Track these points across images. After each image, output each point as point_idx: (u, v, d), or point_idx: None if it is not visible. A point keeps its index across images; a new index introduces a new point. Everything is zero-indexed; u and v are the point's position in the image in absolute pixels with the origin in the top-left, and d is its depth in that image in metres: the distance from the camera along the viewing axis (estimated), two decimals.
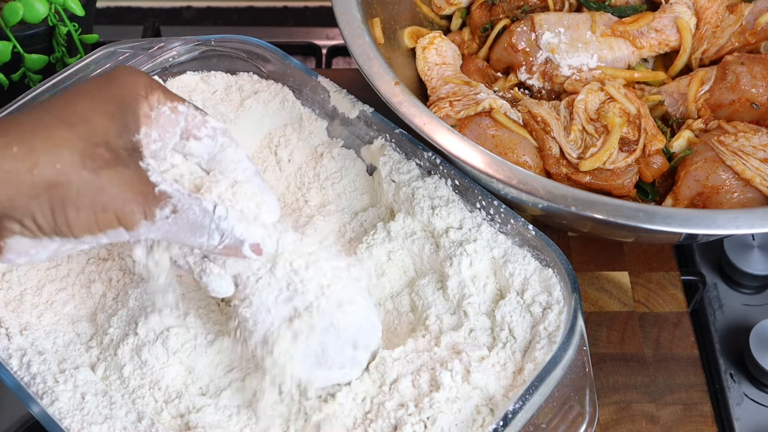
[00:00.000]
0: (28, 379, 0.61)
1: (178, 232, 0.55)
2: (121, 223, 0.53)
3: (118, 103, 0.55)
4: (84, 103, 0.54)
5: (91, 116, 0.53)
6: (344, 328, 0.61)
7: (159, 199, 0.54)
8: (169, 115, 0.58)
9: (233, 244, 0.57)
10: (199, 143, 0.60)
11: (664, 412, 0.78)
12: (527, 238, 0.68)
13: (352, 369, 0.63)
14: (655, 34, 0.87)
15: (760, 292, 0.89)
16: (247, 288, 0.61)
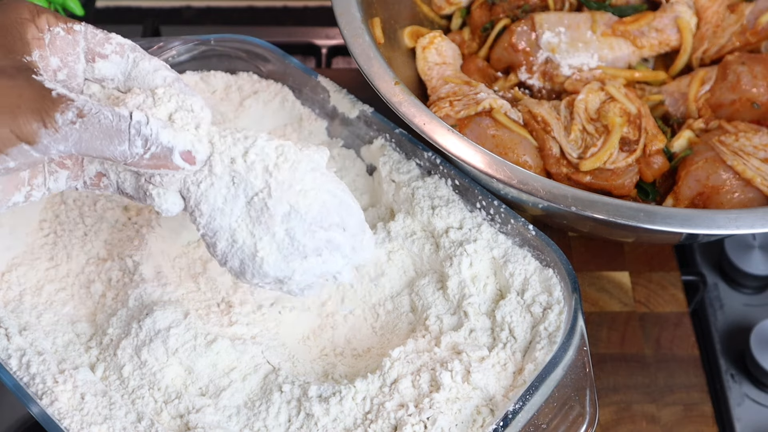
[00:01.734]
0: (27, 380, 0.61)
1: (92, 141, 0.51)
2: (19, 137, 0.49)
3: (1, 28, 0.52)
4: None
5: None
6: (305, 209, 0.57)
7: (58, 102, 0.50)
8: (65, 36, 0.55)
9: (161, 152, 0.53)
10: (107, 62, 0.56)
11: (665, 413, 0.78)
12: (527, 238, 0.68)
13: (332, 254, 0.59)
14: (656, 34, 0.87)
15: (760, 292, 0.89)
16: (193, 198, 0.57)
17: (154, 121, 0.53)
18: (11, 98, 0.49)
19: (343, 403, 0.62)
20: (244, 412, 0.63)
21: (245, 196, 0.57)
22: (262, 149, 0.57)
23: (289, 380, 0.64)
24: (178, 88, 0.57)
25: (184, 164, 0.54)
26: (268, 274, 0.58)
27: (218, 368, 0.64)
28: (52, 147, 0.50)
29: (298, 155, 0.57)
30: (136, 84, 0.57)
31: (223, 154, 0.56)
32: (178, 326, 0.64)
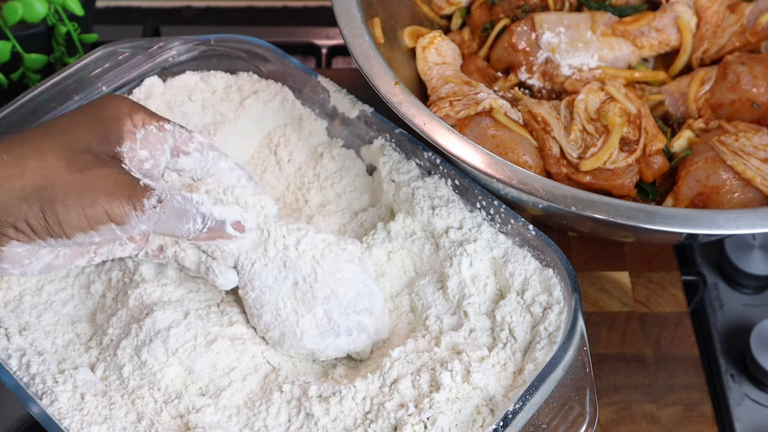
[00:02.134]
0: (27, 380, 0.61)
1: (167, 221, 0.58)
2: (111, 217, 0.55)
3: (100, 119, 0.59)
4: (66, 119, 0.58)
5: (73, 129, 0.57)
6: (343, 294, 0.66)
7: (145, 190, 0.57)
8: (157, 134, 0.62)
9: (215, 226, 0.61)
10: (188, 158, 0.64)
11: (665, 413, 0.78)
12: (527, 238, 0.68)
13: (360, 335, 0.67)
14: (656, 34, 0.87)
15: (760, 292, 0.89)
16: (246, 275, 0.65)
17: (209, 200, 0.61)
18: (109, 184, 0.55)
19: (343, 402, 0.62)
20: (244, 411, 0.63)
21: (293, 278, 0.65)
22: (312, 240, 0.66)
23: (289, 380, 0.64)
24: (250, 187, 0.66)
25: (235, 233, 0.63)
26: (304, 347, 0.65)
27: (218, 368, 0.64)
28: (135, 227, 0.57)
29: (340, 246, 0.67)
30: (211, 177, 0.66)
31: (277, 241, 0.65)
32: (178, 326, 0.64)
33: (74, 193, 0.54)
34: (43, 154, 0.54)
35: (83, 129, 0.57)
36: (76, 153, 0.55)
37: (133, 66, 0.77)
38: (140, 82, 0.77)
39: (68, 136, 0.56)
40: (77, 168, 0.55)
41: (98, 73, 0.76)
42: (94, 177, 0.55)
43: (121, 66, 0.77)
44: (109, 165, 0.56)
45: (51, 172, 0.54)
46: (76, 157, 0.55)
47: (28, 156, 0.54)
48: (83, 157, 0.55)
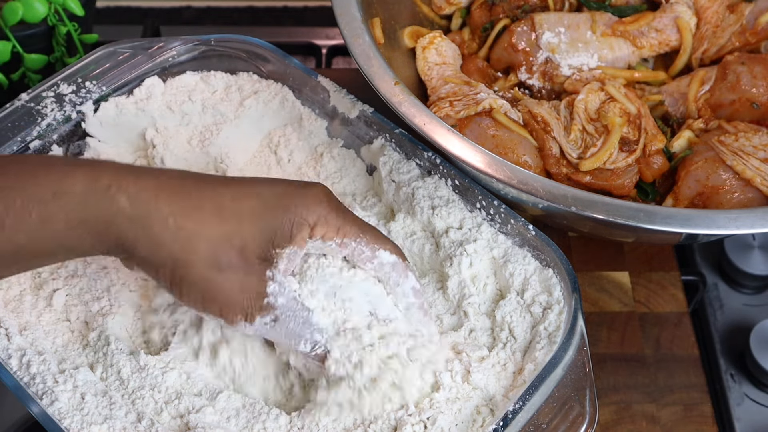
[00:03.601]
0: (27, 380, 0.61)
1: (276, 336, 0.60)
2: (222, 317, 0.58)
3: (279, 220, 0.58)
4: (249, 203, 0.58)
5: (245, 219, 0.57)
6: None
7: (264, 309, 0.58)
8: (335, 248, 0.62)
9: (321, 354, 0.61)
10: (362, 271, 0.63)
11: (665, 413, 0.78)
12: (527, 238, 0.68)
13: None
14: (656, 34, 0.87)
15: (760, 292, 0.89)
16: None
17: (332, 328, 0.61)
18: (233, 292, 0.57)
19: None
20: (244, 413, 0.63)
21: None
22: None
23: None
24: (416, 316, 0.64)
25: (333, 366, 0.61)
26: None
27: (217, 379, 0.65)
28: (241, 329, 0.59)
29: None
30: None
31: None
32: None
33: (201, 284, 0.56)
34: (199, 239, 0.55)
35: (254, 224, 0.57)
36: (227, 249, 0.56)
37: (134, 66, 0.77)
38: (140, 82, 0.77)
39: (233, 228, 0.56)
40: (217, 266, 0.56)
41: (98, 73, 0.77)
42: (225, 280, 0.56)
43: (122, 66, 0.77)
44: (249, 272, 0.57)
45: (194, 258, 0.55)
46: (223, 254, 0.56)
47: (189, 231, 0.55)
48: (230, 257, 0.56)
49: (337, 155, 0.78)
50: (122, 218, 0.54)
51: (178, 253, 0.55)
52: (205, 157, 0.77)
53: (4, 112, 0.73)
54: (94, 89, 0.76)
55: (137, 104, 0.77)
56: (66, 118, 0.75)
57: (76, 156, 0.76)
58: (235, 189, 0.58)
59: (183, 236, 0.55)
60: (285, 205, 0.58)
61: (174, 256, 0.55)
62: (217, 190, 0.57)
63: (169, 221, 0.55)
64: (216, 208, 0.56)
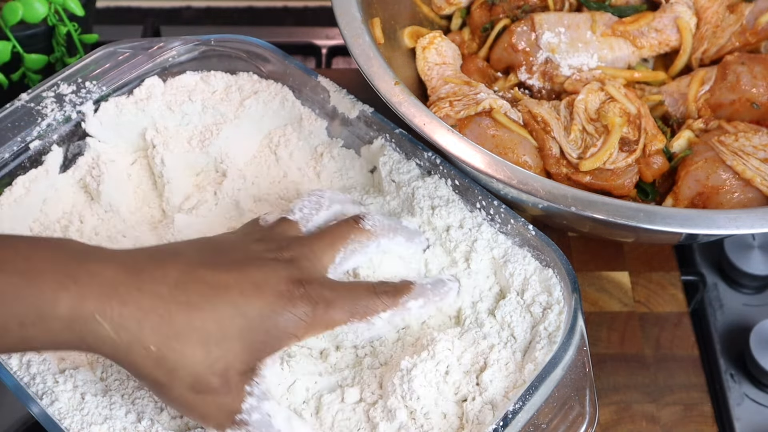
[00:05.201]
0: (27, 380, 0.61)
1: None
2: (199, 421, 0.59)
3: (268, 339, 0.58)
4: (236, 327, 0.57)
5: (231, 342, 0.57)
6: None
7: (236, 423, 0.58)
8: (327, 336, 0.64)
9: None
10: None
11: (665, 413, 0.78)
12: (527, 238, 0.68)
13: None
14: (656, 34, 0.87)
15: (760, 292, 0.89)
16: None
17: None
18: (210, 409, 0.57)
19: (346, 399, 0.62)
20: None
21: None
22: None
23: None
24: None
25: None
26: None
27: None
28: None
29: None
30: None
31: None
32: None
33: (178, 405, 0.58)
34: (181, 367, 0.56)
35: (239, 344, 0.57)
36: (208, 376, 0.56)
37: (134, 66, 0.77)
38: (140, 82, 0.77)
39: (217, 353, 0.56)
40: (196, 390, 0.56)
41: (98, 73, 0.77)
42: (203, 402, 0.57)
43: (122, 66, 0.77)
44: (227, 392, 0.57)
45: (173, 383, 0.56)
46: (203, 379, 0.56)
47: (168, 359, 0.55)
48: (209, 382, 0.56)
49: (337, 155, 0.78)
50: (105, 344, 0.55)
51: (158, 378, 0.56)
52: (205, 157, 0.77)
53: (4, 112, 0.73)
54: (94, 89, 0.76)
55: (137, 104, 0.77)
56: (66, 118, 0.75)
57: (76, 156, 0.76)
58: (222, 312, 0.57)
59: (165, 365, 0.55)
60: (273, 326, 0.58)
61: (154, 379, 0.56)
62: (203, 315, 0.56)
63: (152, 350, 0.55)
64: (200, 337, 0.56)
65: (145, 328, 0.55)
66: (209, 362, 0.56)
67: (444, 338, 0.63)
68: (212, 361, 0.56)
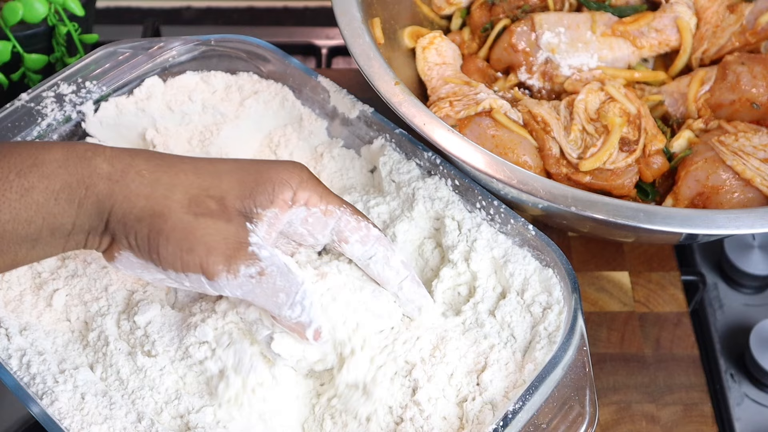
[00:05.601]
0: (27, 380, 0.61)
1: (261, 295, 0.57)
2: (203, 270, 0.56)
3: (259, 177, 0.58)
4: (227, 164, 0.58)
5: (223, 175, 0.57)
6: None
7: (247, 257, 0.56)
8: (320, 217, 0.61)
9: (304, 322, 0.59)
10: (348, 246, 0.63)
11: (665, 413, 0.78)
12: (527, 238, 0.68)
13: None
14: (656, 34, 0.87)
15: (760, 292, 0.89)
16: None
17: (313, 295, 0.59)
18: (215, 238, 0.55)
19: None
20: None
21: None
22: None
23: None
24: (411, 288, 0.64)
25: (311, 338, 0.59)
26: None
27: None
28: (225, 289, 0.57)
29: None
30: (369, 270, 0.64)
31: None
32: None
33: (178, 233, 0.55)
34: (175, 186, 0.55)
35: (232, 179, 0.57)
36: (204, 197, 0.56)
37: (134, 66, 0.77)
38: (140, 82, 0.77)
39: (210, 180, 0.57)
40: (194, 211, 0.55)
41: (98, 73, 0.77)
42: (204, 225, 0.55)
43: (122, 66, 0.77)
44: (228, 220, 0.56)
45: (170, 204, 0.55)
46: (200, 200, 0.56)
47: (164, 183, 0.55)
48: (207, 203, 0.56)
49: (338, 155, 0.78)
50: (100, 178, 0.55)
51: (154, 204, 0.55)
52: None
53: (4, 112, 0.73)
54: (94, 89, 0.76)
55: (137, 104, 0.77)
56: (66, 118, 0.75)
57: None
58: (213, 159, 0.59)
59: (159, 187, 0.55)
60: (266, 169, 0.58)
61: (151, 207, 0.55)
62: (194, 159, 0.58)
63: (145, 174, 0.55)
64: (193, 166, 0.57)
65: (137, 158, 0.56)
66: (204, 185, 0.56)
67: (454, 338, 0.63)
68: (207, 186, 0.56)
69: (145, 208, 0.55)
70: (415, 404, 0.61)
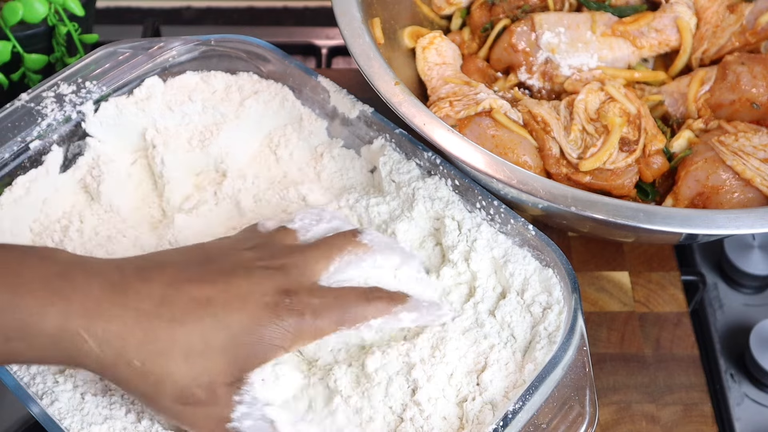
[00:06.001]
0: (27, 380, 0.61)
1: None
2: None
3: (251, 350, 0.58)
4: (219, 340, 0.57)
5: (215, 355, 0.57)
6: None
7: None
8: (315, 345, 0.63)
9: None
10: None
11: (665, 413, 0.78)
12: (527, 238, 0.68)
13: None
14: (656, 34, 0.87)
15: (760, 292, 0.89)
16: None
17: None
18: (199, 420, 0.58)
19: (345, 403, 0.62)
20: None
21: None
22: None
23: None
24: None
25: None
26: None
27: None
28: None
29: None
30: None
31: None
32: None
33: (167, 414, 0.58)
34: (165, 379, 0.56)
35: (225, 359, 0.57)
36: (193, 387, 0.57)
37: (134, 66, 0.77)
38: (140, 82, 0.77)
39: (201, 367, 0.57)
40: (182, 402, 0.57)
41: (98, 73, 0.77)
42: (190, 413, 0.58)
43: (122, 66, 0.77)
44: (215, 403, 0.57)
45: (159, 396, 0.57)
46: (189, 392, 0.57)
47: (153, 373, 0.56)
48: (195, 394, 0.57)
49: (338, 155, 0.78)
50: (90, 360, 0.55)
51: (145, 391, 0.57)
52: (205, 158, 0.77)
53: (4, 112, 0.73)
54: (94, 89, 0.76)
55: (137, 104, 0.77)
56: (66, 118, 0.75)
57: (76, 157, 0.76)
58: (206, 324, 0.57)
59: (150, 379, 0.56)
60: (258, 338, 0.58)
61: (142, 392, 0.57)
62: (187, 328, 0.57)
63: (136, 365, 0.56)
64: (184, 350, 0.56)
65: (129, 344, 0.55)
66: (193, 375, 0.57)
67: (453, 338, 0.63)
68: (196, 375, 0.57)
69: (135, 393, 0.58)
70: (415, 404, 0.61)
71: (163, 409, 0.58)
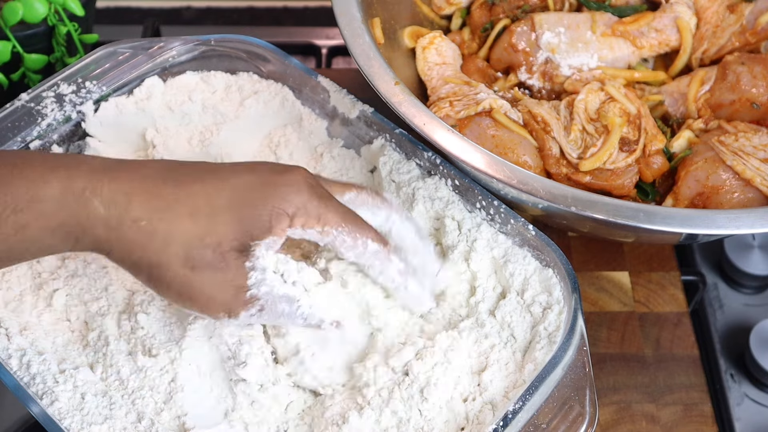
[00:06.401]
0: (27, 380, 0.61)
1: (265, 320, 0.61)
2: (203, 313, 0.58)
3: (254, 211, 0.57)
4: (224, 200, 0.57)
5: (219, 216, 0.57)
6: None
7: (247, 302, 0.58)
8: (317, 236, 0.61)
9: (315, 323, 0.62)
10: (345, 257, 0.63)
11: (665, 413, 0.78)
12: (527, 238, 0.68)
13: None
14: (656, 34, 0.87)
15: (760, 292, 0.89)
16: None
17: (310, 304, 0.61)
18: (213, 289, 0.57)
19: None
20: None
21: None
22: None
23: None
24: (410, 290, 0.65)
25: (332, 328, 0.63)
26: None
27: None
28: (227, 324, 0.61)
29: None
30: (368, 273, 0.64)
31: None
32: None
33: (177, 285, 0.57)
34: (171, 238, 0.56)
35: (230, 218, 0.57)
36: (201, 248, 0.56)
37: (134, 66, 0.77)
38: (140, 82, 0.77)
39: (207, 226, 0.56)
40: (191, 265, 0.56)
41: (98, 73, 0.77)
42: (202, 278, 0.56)
43: (122, 66, 0.77)
44: (226, 267, 0.57)
45: (168, 258, 0.56)
46: (197, 252, 0.56)
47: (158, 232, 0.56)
48: (203, 255, 0.56)
49: (337, 155, 0.78)
50: (97, 221, 0.55)
51: (152, 256, 0.56)
52: (206, 157, 0.77)
53: (4, 112, 0.73)
54: (94, 89, 0.76)
55: (137, 104, 0.77)
56: (66, 118, 0.75)
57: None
58: (210, 185, 0.57)
59: (156, 239, 0.55)
60: (262, 198, 0.58)
61: (148, 258, 0.56)
62: (192, 189, 0.57)
63: (142, 224, 0.55)
64: (189, 209, 0.56)
65: (133, 202, 0.55)
66: (200, 234, 0.56)
67: (453, 338, 0.63)
68: (203, 233, 0.56)
69: (142, 258, 0.56)
70: (416, 404, 0.61)
71: (172, 280, 0.56)
